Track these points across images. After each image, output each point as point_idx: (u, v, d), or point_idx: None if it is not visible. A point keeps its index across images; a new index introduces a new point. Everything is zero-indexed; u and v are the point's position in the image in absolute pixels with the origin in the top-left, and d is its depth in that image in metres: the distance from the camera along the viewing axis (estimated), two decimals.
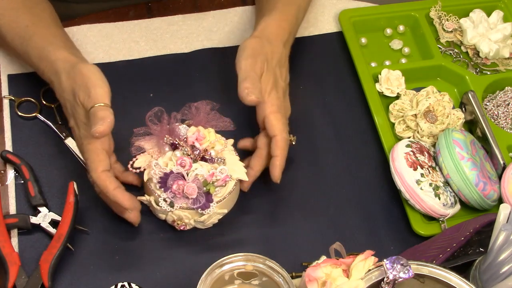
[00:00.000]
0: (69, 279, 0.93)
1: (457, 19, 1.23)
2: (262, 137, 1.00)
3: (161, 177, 0.93)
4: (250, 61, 0.98)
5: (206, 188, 0.93)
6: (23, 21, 1.02)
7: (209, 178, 0.93)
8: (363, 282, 0.80)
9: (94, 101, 0.92)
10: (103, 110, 0.91)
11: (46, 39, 1.01)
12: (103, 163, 0.93)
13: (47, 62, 0.98)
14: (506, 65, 1.19)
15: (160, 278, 0.95)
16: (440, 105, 1.07)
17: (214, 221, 0.97)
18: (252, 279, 0.89)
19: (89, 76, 0.94)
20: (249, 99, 0.95)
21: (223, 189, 0.95)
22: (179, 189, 0.92)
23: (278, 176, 0.98)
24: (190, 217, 0.94)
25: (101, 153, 0.94)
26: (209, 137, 0.97)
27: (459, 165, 0.99)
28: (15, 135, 1.04)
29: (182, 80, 1.12)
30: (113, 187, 0.93)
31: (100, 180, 0.93)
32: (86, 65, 0.96)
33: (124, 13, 1.19)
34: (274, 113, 0.98)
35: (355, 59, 1.14)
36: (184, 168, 0.93)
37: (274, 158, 0.98)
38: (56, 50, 0.98)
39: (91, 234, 0.97)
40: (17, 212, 0.98)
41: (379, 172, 1.06)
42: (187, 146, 0.95)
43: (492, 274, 0.87)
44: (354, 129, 1.11)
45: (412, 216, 1.01)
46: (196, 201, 0.92)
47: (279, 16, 1.05)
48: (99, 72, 0.95)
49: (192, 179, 0.92)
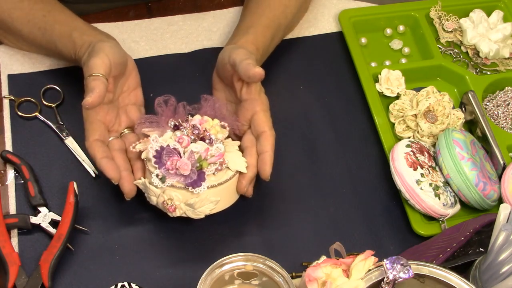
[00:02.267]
0: (69, 279, 0.93)
1: (457, 19, 1.23)
2: (248, 136, 0.99)
3: (157, 150, 0.92)
4: (245, 51, 0.99)
5: (199, 165, 0.92)
6: (38, 11, 1.03)
7: (203, 154, 0.92)
8: (363, 282, 0.80)
9: (90, 71, 0.94)
10: (95, 80, 0.93)
11: (69, 25, 1.03)
12: (96, 132, 0.95)
13: (74, 48, 1.00)
14: (506, 65, 1.19)
15: (160, 278, 0.95)
16: (440, 105, 1.07)
17: (206, 211, 0.94)
18: (252, 279, 0.89)
19: (97, 49, 0.96)
20: (255, 70, 0.94)
21: (219, 175, 0.94)
22: (173, 164, 0.92)
23: (268, 172, 0.97)
24: (181, 198, 0.93)
25: (95, 122, 0.95)
26: (212, 122, 0.97)
27: (459, 165, 0.99)
28: (15, 135, 1.04)
29: (182, 80, 1.12)
30: (100, 156, 0.94)
31: (90, 148, 0.95)
32: (102, 43, 0.97)
33: (124, 13, 1.19)
34: (264, 111, 0.99)
35: (355, 59, 1.14)
36: (181, 145, 0.92)
37: (263, 154, 0.97)
38: (83, 35, 1.01)
39: (91, 234, 0.97)
40: (17, 212, 0.98)
41: (379, 172, 1.06)
42: (188, 127, 0.95)
43: (492, 274, 0.87)
44: (354, 129, 1.11)
45: (412, 216, 1.01)
46: (188, 178, 0.92)
47: (252, 37, 1.05)
48: (109, 47, 0.97)
49: (187, 156, 0.92)
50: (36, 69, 1.11)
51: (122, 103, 1.00)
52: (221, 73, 1.02)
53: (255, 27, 1.06)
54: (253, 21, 1.08)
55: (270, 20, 1.08)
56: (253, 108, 0.99)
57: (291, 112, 1.11)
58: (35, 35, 1.04)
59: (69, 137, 1.04)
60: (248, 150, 0.99)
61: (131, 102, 1.01)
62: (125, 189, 0.96)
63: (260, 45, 1.05)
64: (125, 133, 1.00)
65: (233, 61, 0.97)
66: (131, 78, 1.01)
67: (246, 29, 1.06)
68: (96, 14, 1.18)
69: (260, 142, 0.98)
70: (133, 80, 1.02)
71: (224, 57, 1.00)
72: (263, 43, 1.05)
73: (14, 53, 1.11)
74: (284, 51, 1.17)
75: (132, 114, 1.01)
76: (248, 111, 0.99)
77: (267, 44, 1.07)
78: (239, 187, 0.97)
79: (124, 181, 0.95)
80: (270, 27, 1.08)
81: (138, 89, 1.03)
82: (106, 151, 0.95)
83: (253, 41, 1.04)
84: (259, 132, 0.98)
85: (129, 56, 1.01)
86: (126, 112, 1.00)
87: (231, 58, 0.98)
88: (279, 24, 1.10)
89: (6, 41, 1.11)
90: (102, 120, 0.96)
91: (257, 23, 1.07)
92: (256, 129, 0.98)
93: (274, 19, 1.09)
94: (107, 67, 0.94)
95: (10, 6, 1.04)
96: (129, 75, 1.01)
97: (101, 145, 0.95)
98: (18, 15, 1.04)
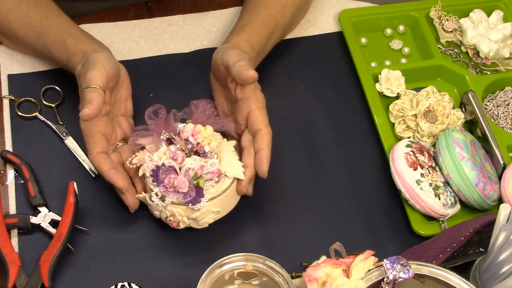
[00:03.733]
0: (69, 279, 0.93)
1: (457, 19, 1.23)
2: (246, 135, 0.99)
3: (153, 169, 0.92)
4: (237, 52, 0.98)
5: (196, 182, 0.92)
6: (35, 15, 1.03)
7: (199, 171, 0.92)
8: (363, 282, 0.80)
9: (87, 83, 0.93)
10: (92, 92, 0.92)
11: (64, 31, 1.02)
12: (99, 145, 0.94)
13: (67, 54, 1.00)
14: (506, 65, 1.19)
15: (160, 278, 0.95)
16: (440, 105, 1.07)
17: (209, 221, 0.95)
18: (252, 279, 0.89)
19: (93, 61, 0.95)
20: (248, 73, 0.94)
21: (218, 186, 0.94)
22: (170, 182, 0.92)
23: (265, 170, 0.96)
24: (182, 214, 0.93)
25: (96, 135, 0.95)
26: (204, 132, 0.96)
27: (459, 165, 0.99)
28: (15, 135, 1.04)
29: (182, 80, 1.12)
30: (107, 168, 0.94)
31: (95, 161, 0.94)
32: (97, 53, 0.97)
33: (124, 13, 1.19)
34: (259, 109, 0.98)
35: (355, 59, 1.14)
36: (176, 161, 0.92)
37: (260, 152, 0.97)
38: (76, 42, 1.00)
39: (91, 234, 0.97)
40: (17, 212, 0.98)
41: (379, 172, 1.06)
42: (181, 140, 0.95)
43: (492, 274, 0.87)
44: (354, 129, 1.11)
45: (412, 216, 1.01)
46: (186, 195, 0.91)
47: (247, 36, 1.04)
48: (105, 58, 0.96)
49: (184, 173, 0.92)
50: (36, 69, 1.11)
51: (114, 114, 0.99)
52: (216, 74, 1.02)
53: (251, 26, 1.06)
54: (249, 19, 1.08)
55: (266, 19, 1.08)
56: (248, 106, 0.98)
57: (291, 112, 1.11)
58: (30, 38, 1.04)
59: (69, 137, 1.04)
60: (246, 150, 0.98)
61: (121, 113, 1.01)
62: (129, 202, 0.96)
63: (256, 44, 1.04)
64: (119, 145, 0.99)
65: (226, 63, 0.97)
66: (122, 89, 1.00)
67: (241, 27, 1.06)
68: (96, 14, 1.18)
69: (256, 140, 0.97)
70: (125, 90, 1.01)
71: (217, 58, 1.00)
72: (258, 42, 1.05)
73: (14, 53, 1.11)
74: (284, 51, 1.17)
75: (123, 126, 1.00)
76: (243, 110, 0.99)
77: (264, 42, 1.07)
78: (239, 188, 0.97)
79: (127, 195, 0.95)
80: (267, 25, 1.08)
81: (129, 100, 1.02)
82: (111, 162, 0.95)
83: (247, 39, 1.04)
84: (255, 130, 0.98)
85: (121, 66, 1.00)
86: (119, 124, 1.00)
87: (224, 59, 0.98)
88: (276, 23, 1.10)
89: (4, 43, 1.11)
90: (102, 132, 0.95)
91: (253, 21, 1.07)
92: (252, 127, 0.98)
93: (271, 18, 1.09)
94: (104, 79, 0.94)
95: (8, 7, 1.04)
96: (121, 86, 1.00)
97: (105, 157, 0.94)
98: (15, 17, 1.04)
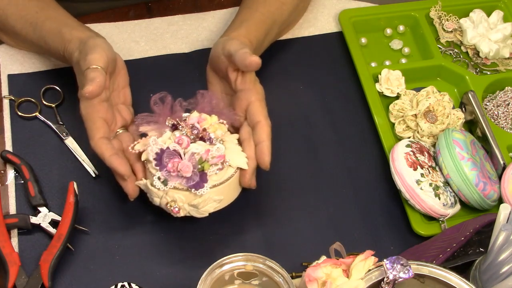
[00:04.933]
0: (69, 279, 0.93)
1: (457, 19, 1.23)
2: (245, 127, 0.99)
3: (157, 153, 0.92)
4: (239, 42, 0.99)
5: (200, 166, 0.92)
6: (32, 8, 1.03)
7: (204, 155, 0.92)
8: (363, 282, 0.80)
9: (88, 64, 0.93)
10: (94, 71, 0.92)
11: (60, 21, 1.02)
12: (101, 130, 0.94)
13: (63, 43, 1.00)
14: (506, 65, 1.19)
15: (160, 278, 0.95)
16: (440, 105, 1.07)
17: (210, 210, 0.94)
18: (252, 279, 0.89)
19: (92, 45, 0.95)
20: (252, 58, 0.94)
21: (221, 174, 0.93)
22: (174, 166, 0.91)
23: (268, 161, 0.96)
24: (184, 200, 0.92)
25: (98, 120, 0.94)
26: (210, 120, 0.96)
27: (459, 165, 0.99)
28: (15, 135, 1.04)
29: (182, 80, 1.12)
30: (109, 153, 0.93)
31: (97, 147, 0.94)
32: (94, 39, 0.97)
33: (124, 13, 1.19)
34: (259, 100, 0.98)
35: (355, 59, 1.14)
36: (181, 146, 0.92)
37: (261, 144, 0.96)
38: (72, 30, 1.00)
39: (91, 234, 0.97)
40: (17, 212, 0.98)
41: (379, 172, 1.06)
42: (186, 127, 0.95)
43: (492, 274, 0.87)
44: (354, 129, 1.11)
45: (412, 216, 1.01)
46: (190, 180, 0.91)
47: (245, 31, 1.04)
48: (103, 43, 0.97)
49: (188, 158, 0.91)
50: (36, 69, 1.11)
51: (113, 102, 1.00)
52: (215, 65, 1.02)
53: (248, 21, 1.06)
54: (247, 15, 1.08)
55: (264, 16, 1.08)
56: (248, 98, 0.98)
57: (291, 112, 1.11)
58: (27, 31, 1.04)
59: (69, 137, 1.04)
60: (246, 142, 0.98)
61: (120, 101, 1.01)
62: (128, 190, 0.95)
63: (253, 39, 1.04)
64: (120, 132, 0.99)
65: (228, 51, 0.97)
66: (120, 77, 1.01)
67: (239, 23, 1.06)
68: (96, 14, 1.18)
69: (255, 132, 0.97)
70: (122, 78, 1.01)
71: (217, 49, 1.00)
72: (256, 38, 1.05)
73: (14, 53, 1.11)
74: (284, 51, 1.17)
75: (123, 114, 1.00)
76: (243, 101, 0.99)
77: (261, 39, 1.07)
78: (243, 181, 0.96)
79: (128, 181, 0.95)
80: (264, 22, 1.08)
81: (127, 88, 1.02)
82: (114, 148, 0.94)
83: (245, 34, 1.03)
84: (255, 122, 0.97)
85: (118, 54, 1.01)
86: (118, 111, 1.00)
87: (226, 49, 0.98)
88: (274, 21, 1.10)
89: (3, 40, 1.11)
90: (103, 118, 0.95)
91: (251, 17, 1.07)
92: (252, 119, 0.98)
93: (268, 15, 1.09)
94: (105, 61, 0.94)
95: (5, 2, 1.05)
96: (118, 74, 1.00)
97: (107, 142, 0.94)
98: (12, 11, 1.04)
